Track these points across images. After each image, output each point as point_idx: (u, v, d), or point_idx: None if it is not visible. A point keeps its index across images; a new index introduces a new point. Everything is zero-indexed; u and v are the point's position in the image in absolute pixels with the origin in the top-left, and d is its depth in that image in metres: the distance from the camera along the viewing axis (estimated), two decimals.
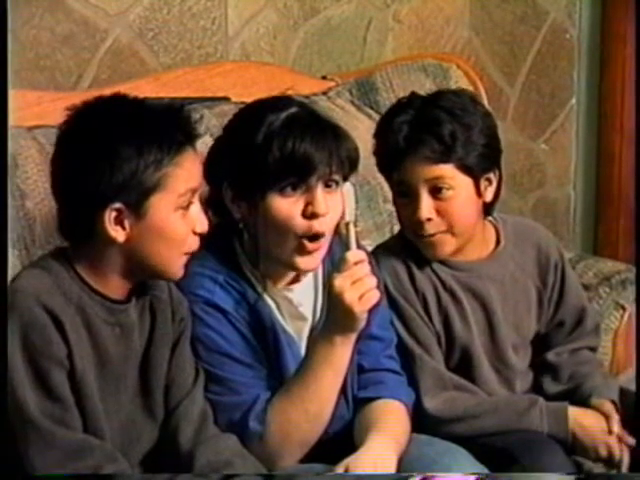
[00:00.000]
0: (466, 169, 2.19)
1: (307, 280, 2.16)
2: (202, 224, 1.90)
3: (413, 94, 2.30)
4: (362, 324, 1.95)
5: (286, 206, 2.00)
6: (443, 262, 2.27)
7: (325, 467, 2.06)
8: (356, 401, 2.15)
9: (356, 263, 1.92)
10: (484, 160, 2.21)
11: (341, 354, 1.99)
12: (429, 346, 2.24)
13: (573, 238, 3.53)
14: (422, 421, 2.19)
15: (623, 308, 2.65)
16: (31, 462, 1.79)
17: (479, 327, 2.29)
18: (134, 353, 1.93)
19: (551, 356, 2.36)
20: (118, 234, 1.84)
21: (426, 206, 2.17)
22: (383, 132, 2.25)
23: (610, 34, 3.39)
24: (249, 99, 2.23)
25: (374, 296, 1.93)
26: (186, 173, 1.86)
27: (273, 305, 2.13)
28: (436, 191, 2.18)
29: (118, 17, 2.67)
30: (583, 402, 2.28)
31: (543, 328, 2.37)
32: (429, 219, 2.18)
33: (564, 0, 3.35)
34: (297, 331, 2.13)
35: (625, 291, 2.68)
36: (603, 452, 2.22)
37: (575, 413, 2.24)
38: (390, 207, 2.65)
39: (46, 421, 1.78)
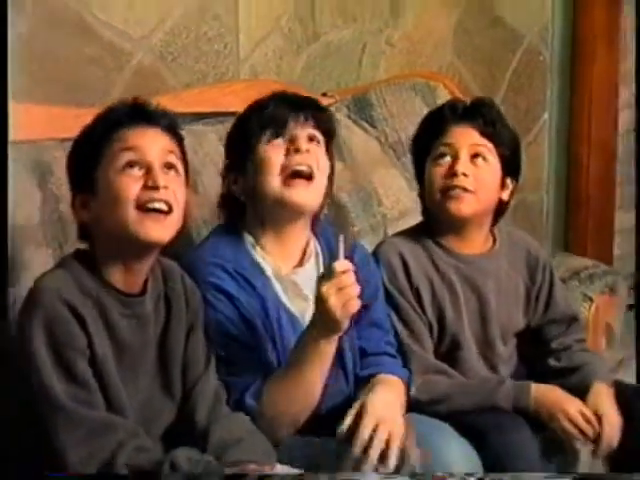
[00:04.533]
0: (501, 155, 2.27)
1: (310, 265, 2.15)
2: (156, 180, 1.84)
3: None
4: (344, 327, 1.93)
5: (271, 149, 2.08)
6: (448, 250, 2.28)
7: (323, 440, 2.04)
8: (357, 379, 2.15)
9: (343, 272, 1.89)
10: (511, 161, 2.31)
11: (325, 351, 1.97)
12: (420, 336, 2.23)
13: (546, 237, 3.53)
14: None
15: (591, 300, 2.64)
16: (60, 443, 1.76)
17: (472, 317, 2.28)
18: (151, 341, 1.90)
19: (554, 344, 2.35)
20: (85, 215, 1.87)
21: (465, 162, 2.22)
22: (442, 106, 2.35)
23: (579, 56, 3.39)
24: None
25: (356, 304, 1.90)
26: (126, 142, 1.87)
27: (279, 288, 2.12)
28: (475, 157, 2.23)
29: (141, 41, 2.66)
30: (583, 382, 2.26)
31: (534, 322, 2.35)
32: (465, 174, 2.22)
33: (538, 26, 3.35)
34: (301, 311, 2.11)
35: (592, 284, 2.68)
36: (571, 429, 2.19)
37: (539, 390, 2.21)
38: (383, 210, 2.66)
39: (72, 403, 1.76)
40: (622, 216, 3.58)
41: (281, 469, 1.88)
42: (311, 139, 2.10)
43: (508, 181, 2.29)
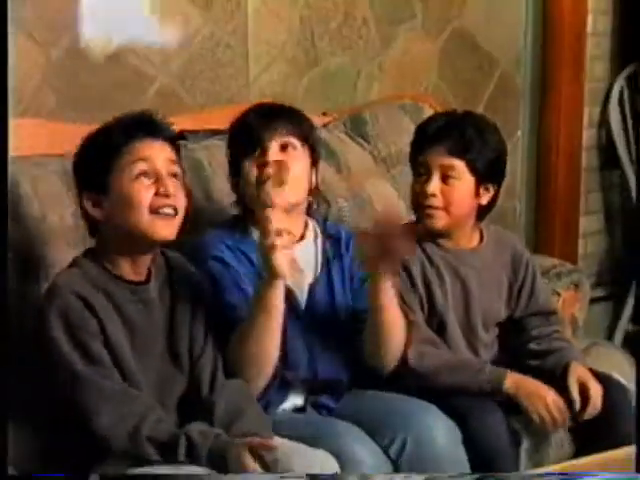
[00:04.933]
0: (473, 169, 2.22)
1: (309, 241, 2.16)
2: (168, 188, 1.89)
3: (452, 110, 2.37)
4: (283, 274, 1.91)
5: (247, 164, 2.11)
6: (439, 245, 2.28)
7: (307, 414, 2.06)
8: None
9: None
10: (488, 171, 2.24)
11: (268, 297, 1.94)
12: (412, 307, 2.22)
13: (519, 239, 3.51)
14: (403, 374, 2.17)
15: (558, 294, 2.63)
16: (88, 412, 1.80)
17: (456, 302, 2.28)
18: (158, 323, 1.93)
19: (535, 332, 2.34)
20: (97, 213, 1.90)
21: (435, 184, 2.20)
22: (421, 129, 2.30)
23: (548, 80, 3.39)
24: None
25: (290, 255, 1.91)
26: (139, 154, 1.90)
27: None
28: (445, 177, 2.20)
29: (163, 66, 2.67)
30: (559, 364, 2.27)
31: (517, 314, 2.35)
32: (434, 194, 2.20)
33: (512, 54, 3.35)
34: (296, 284, 2.10)
35: (560, 281, 2.67)
36: (546, 416, 2.18)
37: (514, 377, 2.20)
38: (375, 214, 2.65)
39: (93, 377, 1.80)
40: (586, 221, 3.58)
41: (279, 441, 1.89)
42: (284, 147, 2.10)
43: (484, 190, 2.26)
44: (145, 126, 1.94)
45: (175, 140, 1.98)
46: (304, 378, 2.13)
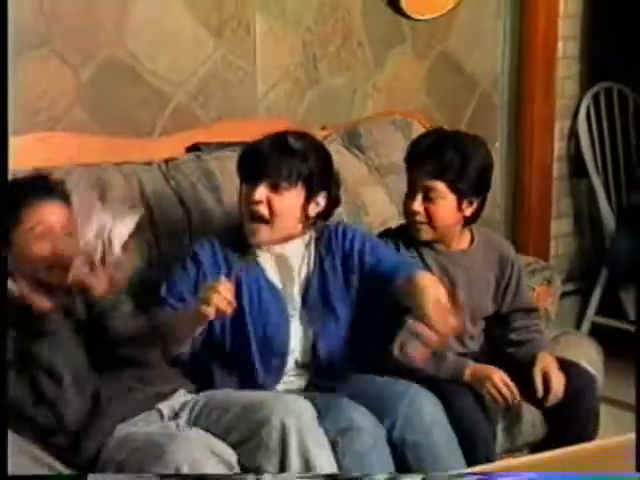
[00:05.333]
0: (454, 189, 2.18)
1: (297, 242, 2.13)
2: (60, 247, 1.85)
3: (439, 128, 2.33)
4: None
5: (243, 191, 2.09)
6: (431, 248, 2.25)
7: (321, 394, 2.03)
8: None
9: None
10: (472, 188, 2.20)
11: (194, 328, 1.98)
12: None
13: (506, 241, 3.48)
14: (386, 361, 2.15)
15: (533, 289, 2.60)
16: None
17: None
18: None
19: (516, 324, 2.33)
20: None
21: (418, 202, 2.19)
22: (411, 147, 2.26)
23: (523, 98, 3.37)
24: None
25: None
26: (38, 215, 1.86)
27: (266, 261, 2.10)
28: (427, 197, 2.18)
29: (179, 86, 2.66)
30: (530, 352, 2.25)
31: (504, 309, 2.33)
32: (418, 212, 2.19)
33: (491, 75, 3.34)
34: (289, 280, 2.10)
35: (534, 277, 2.64)
36: (492, 390, 2.14)
37: (473, 367, 2.18)
38: (368, 219, 2.64)
39: None
40: (557, 224, 3.57)
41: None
42: (274, 186, 2.05)
43: (468, 204, 2.21)
44: (41, 188, 1.91)
45: (68, 199, 1.93)
46: (306, 362, 2.13)
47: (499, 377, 2.14)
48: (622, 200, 3.54)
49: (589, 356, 2.45)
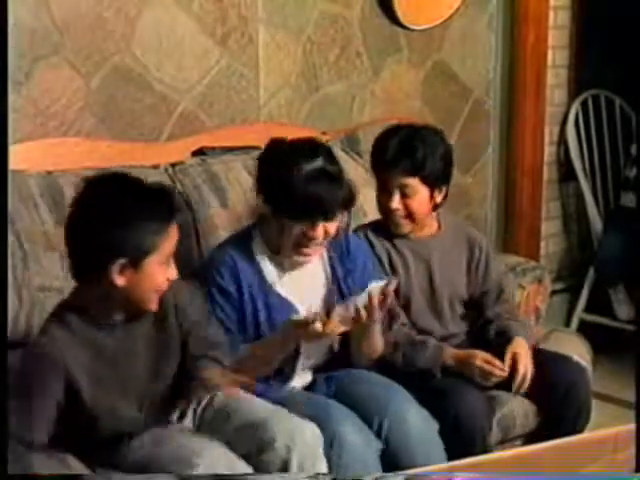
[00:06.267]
0: (426, 183, 2.23)
1: (316, 265, 2.14)
2: (173, 274, 1.79)
3: (394, 125, 2.32)
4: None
5: (296, 229, 2.01)
6: (404, 237, 2.30)
7: (320, 400, 2.04)
8: None
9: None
10: (440, 177, 2.25)
11: (290, 346, 2.02)
12: None
13: (489, 241, 3.50)
14: None
15: (523, 288, 2.63)
16: None
17: (421, 281, 2.30)
18: (142, 358, 1.84)
19: (489, 313, 2.34)
20: (120, 280, 1.72)
21: (396, 200, 2.23)
22: (378, 149, 2.28)
23: (514, 105, 3.40)
24: None
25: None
26: (171, 239, 1.77)
27: (273, 271, 2.10)
28: (404, 193, 2.22)
29: (185, 92, 2.68)
30: (507, 339, 2.25)
31: (476, 293, 2.35)
32: (397, 209, 2.23)
33: (484, 83, 3.36)
34: (308, 298, 2.10)
35: (525, 276, 2.67)
36: (475, 371, 2.17)
37: (451, 351, 2.21)
38: (367, 220, 2.66)
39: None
40: (547, 225, 3.60)
41: (270, 408, 1.90)
42: (329, 219, 2.03)
43: (438, 192, 2.26)
44: (172, 205, 1.77)
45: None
46: (317, 364, 2.16)
47: (482, 357, 2.18)
48: (609, 202, 3.58)
49: (578, 352, 2.46)
